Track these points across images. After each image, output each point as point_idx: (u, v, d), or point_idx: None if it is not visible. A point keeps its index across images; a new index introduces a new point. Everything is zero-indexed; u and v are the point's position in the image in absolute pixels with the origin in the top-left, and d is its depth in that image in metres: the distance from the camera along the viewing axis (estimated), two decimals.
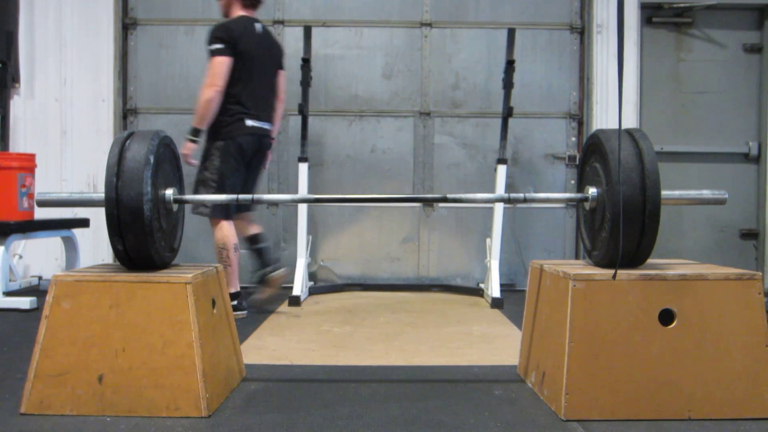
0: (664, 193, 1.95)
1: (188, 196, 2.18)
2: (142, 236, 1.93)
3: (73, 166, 4.75)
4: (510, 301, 4.03)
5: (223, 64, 3.37)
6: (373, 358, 2.66)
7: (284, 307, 3.92)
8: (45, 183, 4.42)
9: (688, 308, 1.89)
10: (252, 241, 3.69)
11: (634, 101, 4.77)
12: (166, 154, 2.11)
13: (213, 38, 3.40)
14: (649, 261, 2.08)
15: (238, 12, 3.59)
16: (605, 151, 1.99)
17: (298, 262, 4.22)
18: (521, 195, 2.21)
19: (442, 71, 4.88)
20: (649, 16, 4.87)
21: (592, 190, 2.09)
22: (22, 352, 2.54)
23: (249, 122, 3.49)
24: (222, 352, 2.11)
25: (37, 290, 4.30)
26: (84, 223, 4.35)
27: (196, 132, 3.41)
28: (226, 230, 3.48)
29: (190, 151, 3.38)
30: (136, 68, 4.87)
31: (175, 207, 2.14)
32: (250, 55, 3.49)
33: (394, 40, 4.88)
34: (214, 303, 2.10)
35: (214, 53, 3.38)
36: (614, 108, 4.71)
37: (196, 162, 3.48)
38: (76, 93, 4.76)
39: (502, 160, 4.20)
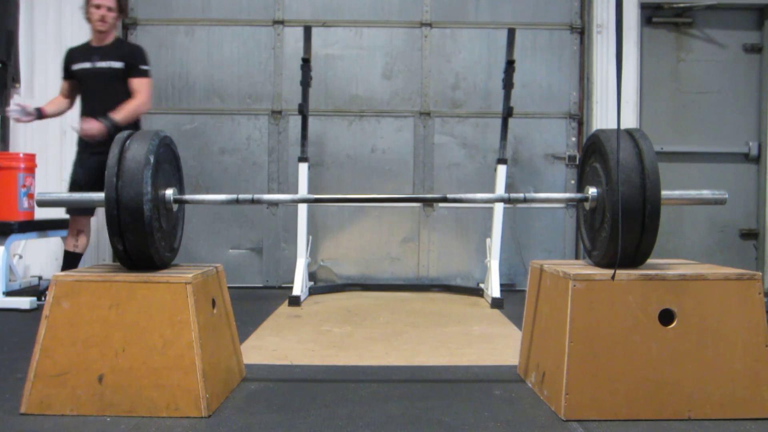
0: (664, 193, 1.95)
1: (188, 196, 2.18)
2: (142, 236, 1.93)
3: None
4: (510, 301, 4.03)
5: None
6: (373, 358, 2.66)
7: (284, 307, 3.92)
8: (45, 183, 4.43)
9: (688, 308, 1.89)
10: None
11: (634, 101, 4.77)
12: (166, 154, 2.11)
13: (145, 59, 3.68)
14: (649, 261, 2.08)
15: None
16: (605, 151, 1.99)
17: (298, 262, 4.22)
18: (521, 195, 2.22)
19: (441, 71, 4.88)
20: (649, 16, 4.87)
21: (592, 190, 2.09)
22: (22, 352, 2.54)
23: None
24: (222, 352, 2.11)
25: (37, 290, 4.29)
26: None
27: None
28: None
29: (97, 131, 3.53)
30: None
31: (175, 207, 2.14)
32: None
33: (394, 40, 4.88)
34: (214, 303, 2.11)
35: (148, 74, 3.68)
36: (614, 108, 4.71)
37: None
38: None
39: (502, 160, 4.20)
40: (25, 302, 3.68)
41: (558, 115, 4.89)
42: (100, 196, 2.00)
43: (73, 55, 3.75)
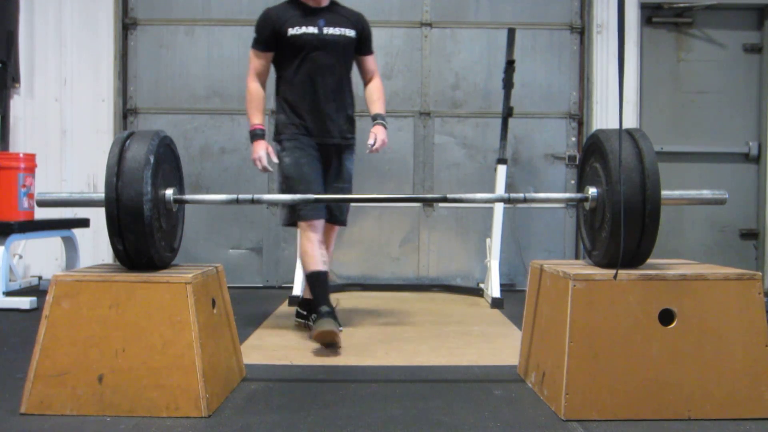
0: (664, 193, 1.95)
1: (188, 196, 2.18)
2: (142, 236, 1.93)
3: (73, 166, 4.74)
4: (510, 301, 4.02)
5: None
6: (373, 358, 2.66)
7: (284, 307, 3.92)
8: (45, 183, 4.42)
9: (688, 308, 1.89)
10: None
11: (634, 101, 4.77)
12: (166, 154, 2.11)
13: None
14: (649, 261, 2.08)
15: None
16: (605, 151, 1.99)
17: (298, 262, 4.21)
18: (521, 195, 2.22)
19: (442, 71, 4.88)
20: (649, 16, 4.86)
21: (592, 190, 2.09)
22: (22, 352, 2.54)
23: None
24: (222, 352, 2.11)
25: (37, 290, 4.30)
26: (84, 223, 4.35)
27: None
28: None
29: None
30: (136, 68, 4.86)
31: (175, 207, 2.14)
32: None
33: (394, 40, 4.88)
34: (214, 303, 2.11)
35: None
36: (614, 108, 4.71)
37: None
38: (76, 93, 4.75)
39: (502, 160, 4.20)
40: (25, 302, 3.68)
41: (558, 115, 4.89)
42: (100, 196, 2.00)
43: (284, 18, 2.91)
